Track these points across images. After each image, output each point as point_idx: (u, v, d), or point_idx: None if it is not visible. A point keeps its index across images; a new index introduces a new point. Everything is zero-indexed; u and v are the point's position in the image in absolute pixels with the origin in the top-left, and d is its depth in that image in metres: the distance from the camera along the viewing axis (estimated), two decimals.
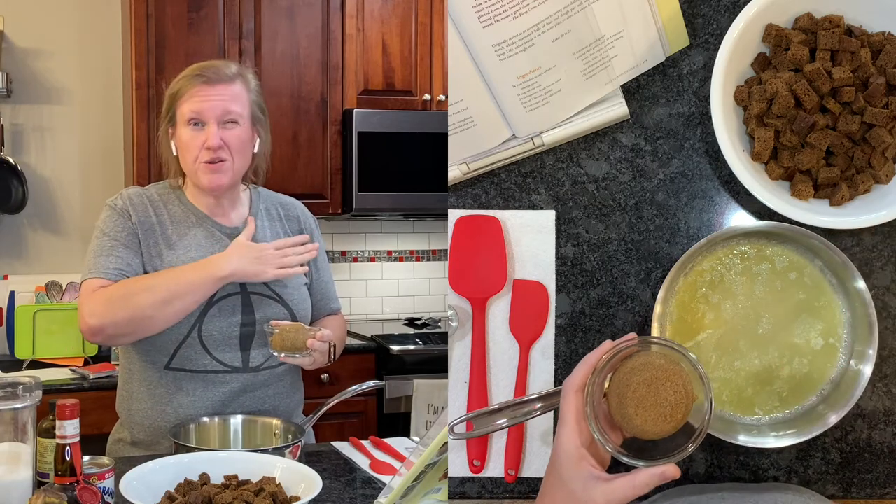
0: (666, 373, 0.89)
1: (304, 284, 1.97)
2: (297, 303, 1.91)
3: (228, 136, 1.82)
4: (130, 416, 1.90)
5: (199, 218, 1.89)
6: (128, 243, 1.83)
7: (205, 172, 1.83)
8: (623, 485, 0.88)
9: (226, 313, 1.83)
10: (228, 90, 1.84)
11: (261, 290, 1.87)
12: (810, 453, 1.07)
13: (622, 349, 0.92)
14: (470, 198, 1.08)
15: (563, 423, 0.92)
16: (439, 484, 1.09)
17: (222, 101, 1.82)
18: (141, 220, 1.86)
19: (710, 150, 1.07)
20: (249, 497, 1.36)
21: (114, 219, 1.85)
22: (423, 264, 4.03)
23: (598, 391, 0.92)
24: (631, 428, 0.90)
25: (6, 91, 3.27)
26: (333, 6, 3.51)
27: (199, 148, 1.82)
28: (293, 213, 2.02)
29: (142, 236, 1.84)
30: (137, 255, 1.83)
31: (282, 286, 1.89)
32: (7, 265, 3.45)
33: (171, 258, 1.84)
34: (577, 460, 0.90)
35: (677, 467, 0.89)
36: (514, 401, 1.02)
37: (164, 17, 3.29)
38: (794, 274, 1.03)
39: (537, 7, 0.97)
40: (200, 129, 1.82)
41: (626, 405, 0.90)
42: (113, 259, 1.80)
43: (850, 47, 1.01)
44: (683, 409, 0.89)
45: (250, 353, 1.86)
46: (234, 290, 1.85)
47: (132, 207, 1.86)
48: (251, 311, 1.85)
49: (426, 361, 3.33)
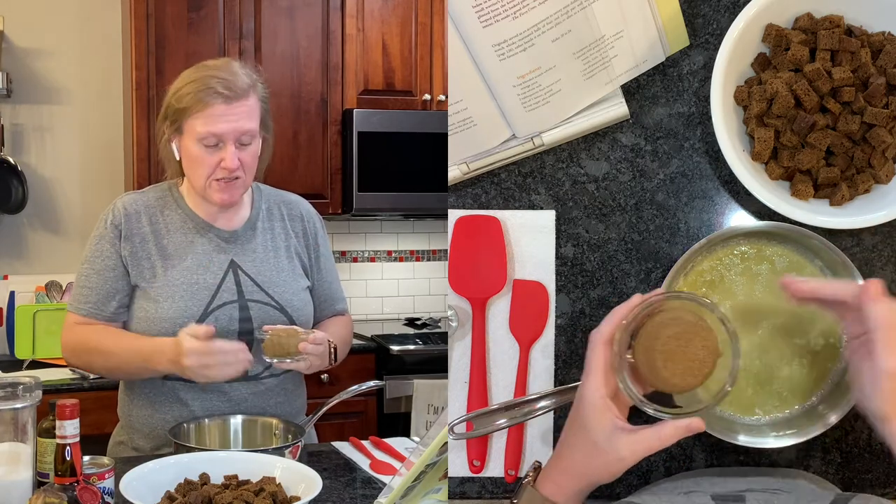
0: (695, 328, 0.90)
1: (306, 288, 1.94)
2: (296, 308, 1.88)
3: (244, 156, 1.80)
4: (131, 422, 1.89)
5: (196, 224, 1.87)
6: (106, 273, 1.84)
7: (218, 190, 1.80)
8: (649, 436, 0.89)
9: (223, 321, 1.80)
10: (244, 106, 1.78)
11: (259, 298, 1.85)
12: (810, 453, 1.07)
13: (652, 302, 0.92)
14: (470, 198, 1.08)
15: (589, 374, 0.91)
16: (439, 484, 1.09)
17: (240, 121, 1.77)
18: (133, 234, 1.83)
19: (710, 150, 1.07)
20: (249, 497, 1.36)
21: (97, 243, 1.85)
22: (423, 264, 4.03)
23: (625, 343, 0.92)
24: (657, 381, 0.91)
25: (6, 91, 3.27)
26: (333, 6, 3.51)
27: (214, 167, 1.78)
28: (296, 212, 1.98)
29: (130, 256, 1.83)
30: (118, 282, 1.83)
31: (280, 292, 1.87)
32: (7, 265, 3.45)
33: (164, 269, 1.82)
34: (602, 411, 0.90)
35: (702, 420, 0.89)
36: (514, 401, 1.02)
37: (164, 17, 3.29)
38: (794, 274, 1.03)
39: (537, 7, 0.97)
40: (217, 148, 1.77)
41: (654, 358, 0.90)
42: (85, 292, 1.85)
43: (850, 47, 1.01)
44: (710, 364, 0.90)
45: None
46: (231, 297, 1.82)
47: (125, 219, 1.84)
48: (249, 319, 1.83)
49: (426, 361, 3.33)
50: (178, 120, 1.79)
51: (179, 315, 1.78)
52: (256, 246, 1.89)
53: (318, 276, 1.99)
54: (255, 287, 1.85)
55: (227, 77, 1.79)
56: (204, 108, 1.76)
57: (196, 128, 1.77)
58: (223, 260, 1.85)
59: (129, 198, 1.89)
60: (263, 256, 1.89)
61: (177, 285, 1.80)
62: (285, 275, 1.89)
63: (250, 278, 1.85)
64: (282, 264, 1.90)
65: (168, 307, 1.79)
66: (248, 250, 1.88)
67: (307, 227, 1.98)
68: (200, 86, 1.77)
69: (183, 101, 1.78)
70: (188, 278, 1.81)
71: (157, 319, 1.79)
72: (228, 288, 1.83)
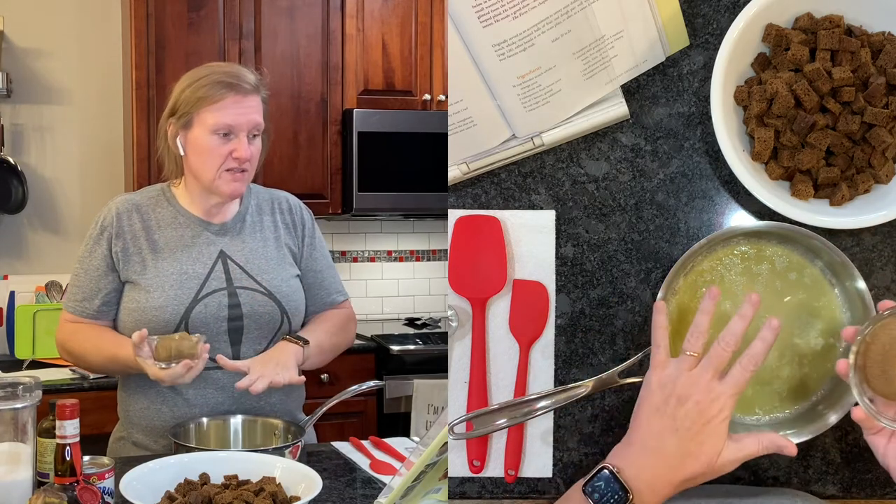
0: None
1: (296, 276, 1.96)
2: (285, 295, 1.91)
3: (253, 149, 1.87)
4: (129, 416, 1.91)
5: (187, 219, 1.90)
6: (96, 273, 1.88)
7: (227, 181, 1.85)
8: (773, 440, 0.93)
9: (212, 308, 1.83)
10: (255, 101, 1.86)
11: (247, 285, 1.88)
12: (810, 453, 1.07)
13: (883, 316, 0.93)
14: (470, 198, 1.08)
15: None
16: (439, 484, 1.09)
17: (252, 114, 1.84)
18: (124, 231, 1.88)
19: (710, 150, 1.07)
20: (249, 497, 1.37)
21: (89, 244, 1.91)
22: (423, 264, 4.03)
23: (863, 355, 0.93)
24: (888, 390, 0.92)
25: (6, 91, 3.27)
26: (333, 6, 3.51)
27: (225, 157, 1.83)
28: (285, 206, 2.03)
29: (122, 253, 1.87)
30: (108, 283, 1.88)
31: (269, 279, 1.90)
32: (7, 265, 3.45)
33: (155, 261, 1.85)
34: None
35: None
36: (514, 401, 1.02)
37: (164, 17, 3.29)
38: (794, 274, 1.03)
39: (537, 7, 0.97)
40: (228, 139, 1.83)
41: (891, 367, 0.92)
42: (76, 291, 1.90)
43: (850, 47, 1.01)
44: None
45: (240, 347, 1.86)
46: (220, 285, 1.85)
47: (116, 219, 1.88)
48: (238, 305, 1.85)
49: (426, 361, 3.33)
50: (189, 113, 1.83)
51: (170, 303, 1.82)
52: (245, 237, 1.93)
53: (309, 266, 2.01)
54: (244, 274, 1.88)
55: (236, 72, 1.86)
56: (219, 99, 1.82)
57: (209, 118, 1.82)
58: (213, 251, 1.89)
59: (121, 198, 1.94)
60: (252, 246, 1.92)
61: (167, 275, 1.84)
62: (274, 263, 1.93)
63: (239, 266, 1.89)
64: (270, 253, 1.94)
65: (158, 296, 1.82)
66: (237, 241, 1.92)
67: (295, 218, 2.02)
68: (213, 80, 1.83)
69: (198, 92, 1.83)
70: (178, 268, 1.85)
71: (148, 309, 1.82)
72: (217, 276, 1.86)
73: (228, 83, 1.82)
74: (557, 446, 1.08)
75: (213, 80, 1.83)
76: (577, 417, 1.08)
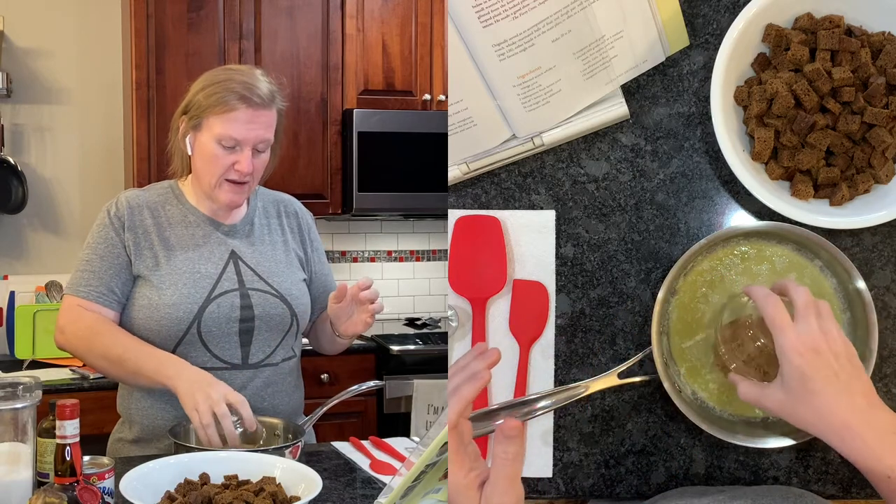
0: None
1: (303, 280, 1.97)
2: (294, 297, 1.92)
3: (257, 163, 1.85)
4: (130, 414, 1.91)
5: (197, 217, 1.90)
6: (110, 259, 1.85)
7: (226, 191, 1.85)
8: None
9: (224, 309, 1.84)
10: (267, 116, 1.83)
11: (259, 287, 1.88)
12: (810, 453, 1.07)
13: None
14: (470, 198, 1.08)
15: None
16: (439, 484, 1.09)
17: (260, 130, 1.82)
18: (135, 225, 1.86)
19: (710, 150, 1.07)
20: (249, 497, 1.36)
21: (101, 230, 1.87)
22: (423, 264, 4.03)
23: None
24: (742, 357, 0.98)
25: (6, 91, 3.27)
26: (333, 6, 3.51)
27: (228, 168, 1.82)
28: (290, 210, 2.03)
29: (133, 245, 1.85)
30: (121, 270, 1.85)
31: (279, 281, 1.90)
32: (7, 265, 3.45)
33: (167, 259, 1.85)
34: None
35: None
36: (514, 401, 1.02)
37: (164, 17, 3.29)
38: (794, 274, 1.03)
39: (537, 7, 0.97)
40: (233, 150, 1.81)
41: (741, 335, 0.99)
42: (87, 276, 1.85)
43: (850, 47, 1.01)
44: None
45: (250, 348, 1.87)
46: (233, 286, 1.86)
47: (128, 212, 1.87)
48: (250, 306, 1.86)
49: (426, 361, 3.33)
50: (199, 116, 1.82)
51: (182, 301, 1.81)
52: (255, 239, 1.93)
53: (315, 270, 2.03)
54: (256, 276, 1.89)
55: (253, 84, 1.82)
56: (229, 110, 1.79)
57: (217, 127, 1.80)
58: (223, 251, 1.89)
59: (131, 192, 1.92)
60: (261, 248, 1.93)
61: (179, 273, 1.83)
62: (283, 266, 1.93)
63: (250, 268, 1.89)
64: (279, 256, 1.94)
65: (171, 294, 1.82)
66: (246, 243, 1.92)
67: (301, 223, 2.03)
68: (228, 87, 1.81)
69: (211, 98, 1.81)
70: (190, 267, 1.85)
71: (160, 306, 1.81)
72: (229, 277, 1.87)
73: (242, 95, 1.79)
74: (557, 446, 1.08)
75: (228, 87, 1.80)
76: (577, 417, 1.08)
